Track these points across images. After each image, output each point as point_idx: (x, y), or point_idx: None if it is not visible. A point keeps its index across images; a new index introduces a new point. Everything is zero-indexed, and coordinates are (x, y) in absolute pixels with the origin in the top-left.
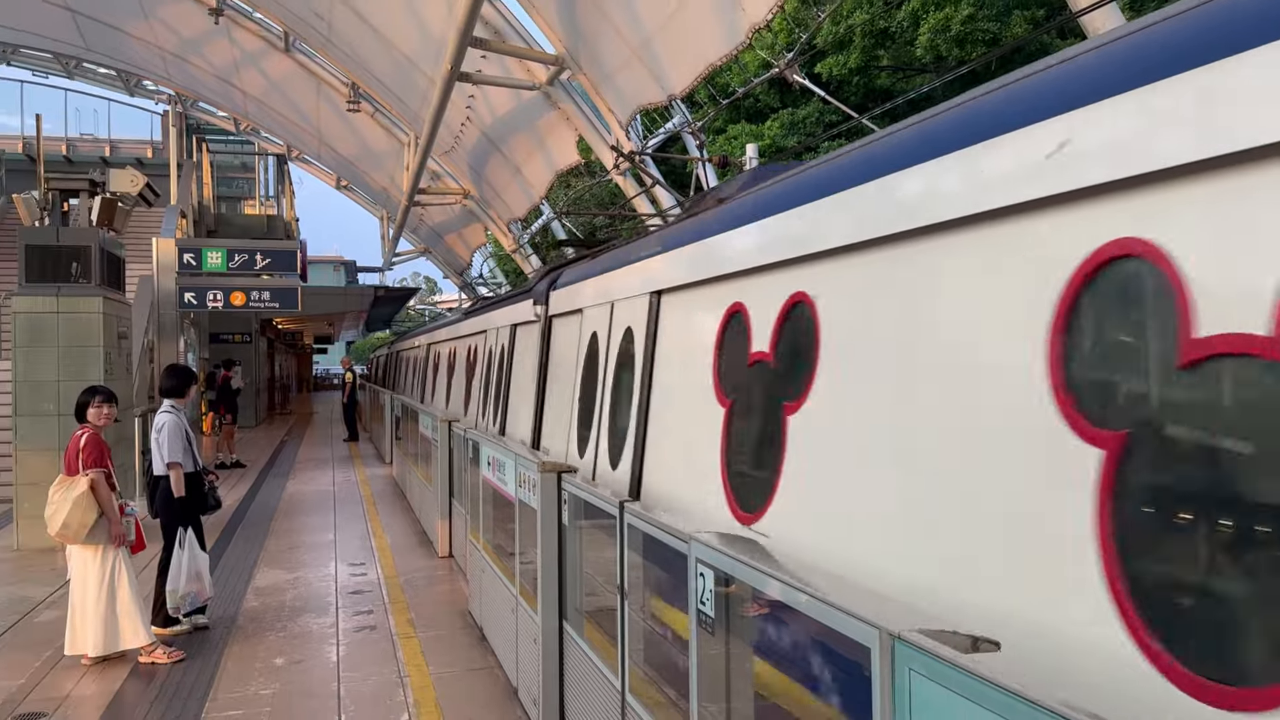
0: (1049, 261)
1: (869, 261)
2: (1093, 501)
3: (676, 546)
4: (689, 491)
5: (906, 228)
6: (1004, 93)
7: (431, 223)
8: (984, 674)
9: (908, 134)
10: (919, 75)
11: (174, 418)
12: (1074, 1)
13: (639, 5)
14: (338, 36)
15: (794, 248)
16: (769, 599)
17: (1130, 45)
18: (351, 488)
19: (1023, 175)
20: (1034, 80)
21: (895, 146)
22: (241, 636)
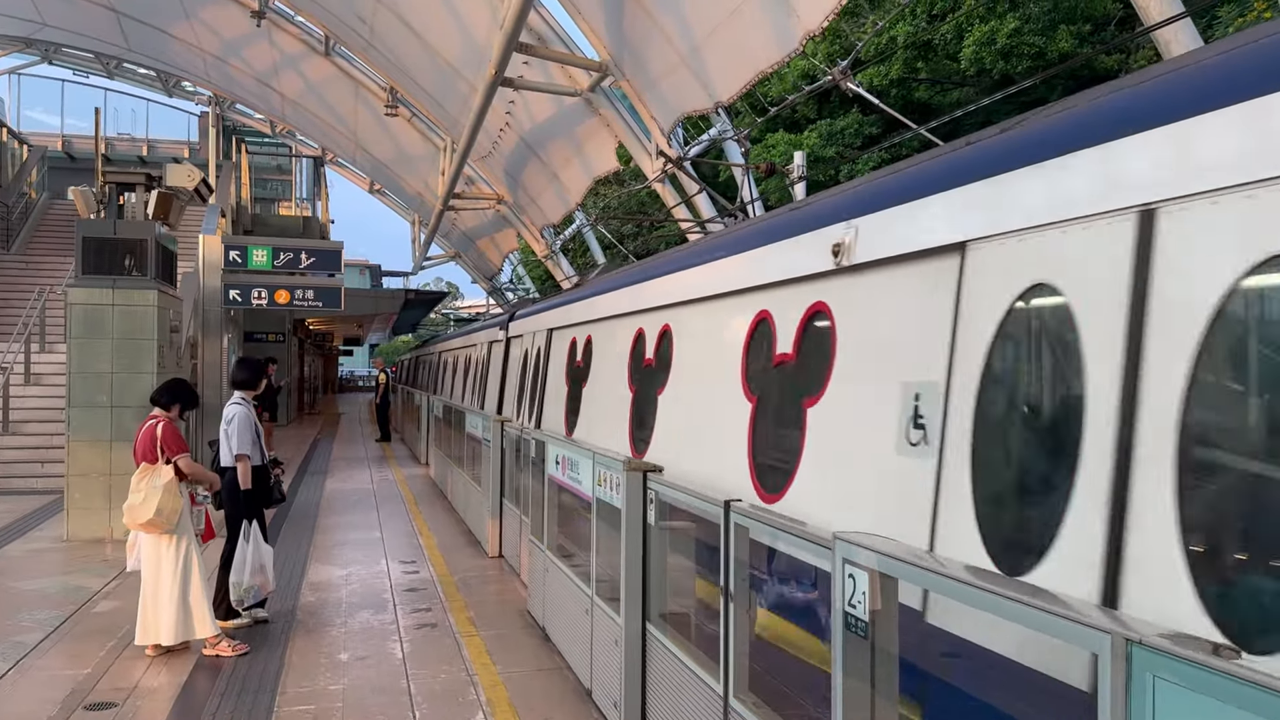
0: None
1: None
2: None
3: (809, 547)
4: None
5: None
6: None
7: (464, 227)
8: (1260, 680)
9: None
10: (956, 88)
11: (244, 409)
12: (1146, 16)
13: (689, 11)
14: (379, 41)
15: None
16: (931, 601)
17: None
18: (390, 486)
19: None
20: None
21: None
22: (303, 631)
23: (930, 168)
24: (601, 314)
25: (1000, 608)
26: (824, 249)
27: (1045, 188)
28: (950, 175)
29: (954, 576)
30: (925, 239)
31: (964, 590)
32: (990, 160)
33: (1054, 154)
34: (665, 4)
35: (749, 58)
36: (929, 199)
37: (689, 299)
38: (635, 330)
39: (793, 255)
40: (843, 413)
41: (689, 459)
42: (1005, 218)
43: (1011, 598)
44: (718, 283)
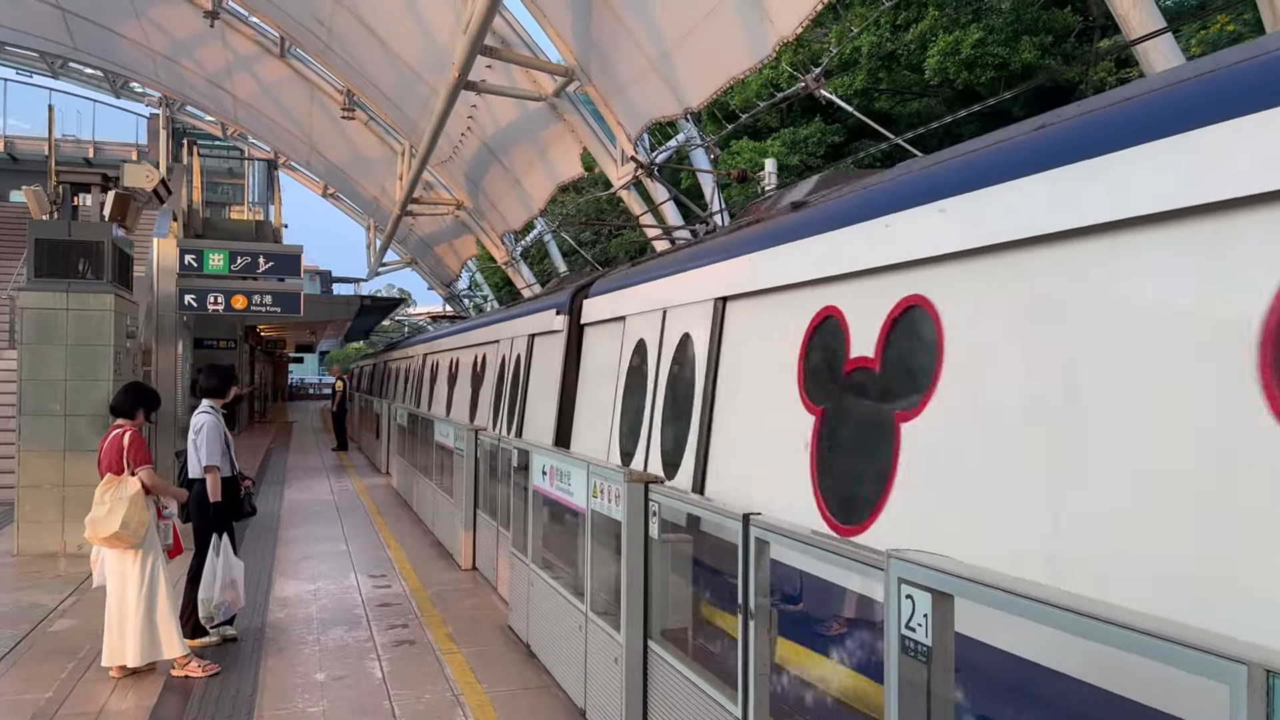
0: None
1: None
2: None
3: (853, 565)
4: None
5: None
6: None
7: (421, 233)
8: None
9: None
10: (917, 99)
11: (213, 419)
12: (1128, 30)
13: (660, 16)
14: (337, 43)
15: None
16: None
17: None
18: (351, 497)
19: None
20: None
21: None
22: (274, 649)
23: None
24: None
25: (1102, 633)
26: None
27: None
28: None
29: (1043, 600)
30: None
31: (1050, 613)
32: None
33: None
34: (635, 8)
35: (721, 63)
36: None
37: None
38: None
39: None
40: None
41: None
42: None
43: (1120, 624)
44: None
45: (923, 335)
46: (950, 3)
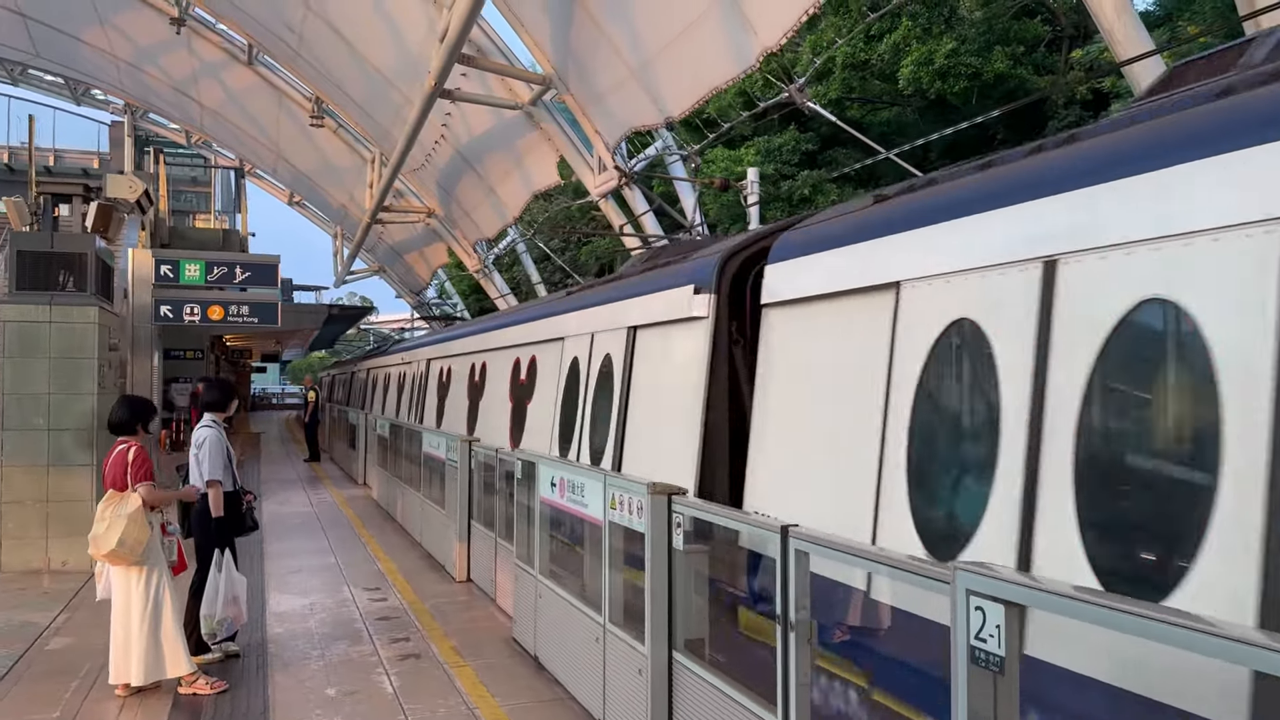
0: None
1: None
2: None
3: (914, 579)
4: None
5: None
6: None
7: (391, 241)
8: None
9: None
10: (888, 108)
11: (215, 433)
12: (1113, 43)
13: (642, 25)
14: (308, 50)
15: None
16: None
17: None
18: (332, 509)
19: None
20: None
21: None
22: (279, 665)
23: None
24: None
25: (1181, 639)
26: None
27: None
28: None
29: (1116, 607)
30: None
31: (1123, 619)
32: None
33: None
34: (617, 17)
35: (704, 73)
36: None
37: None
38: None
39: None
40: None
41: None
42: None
43: (1205, 630)
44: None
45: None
46: (923, 13)
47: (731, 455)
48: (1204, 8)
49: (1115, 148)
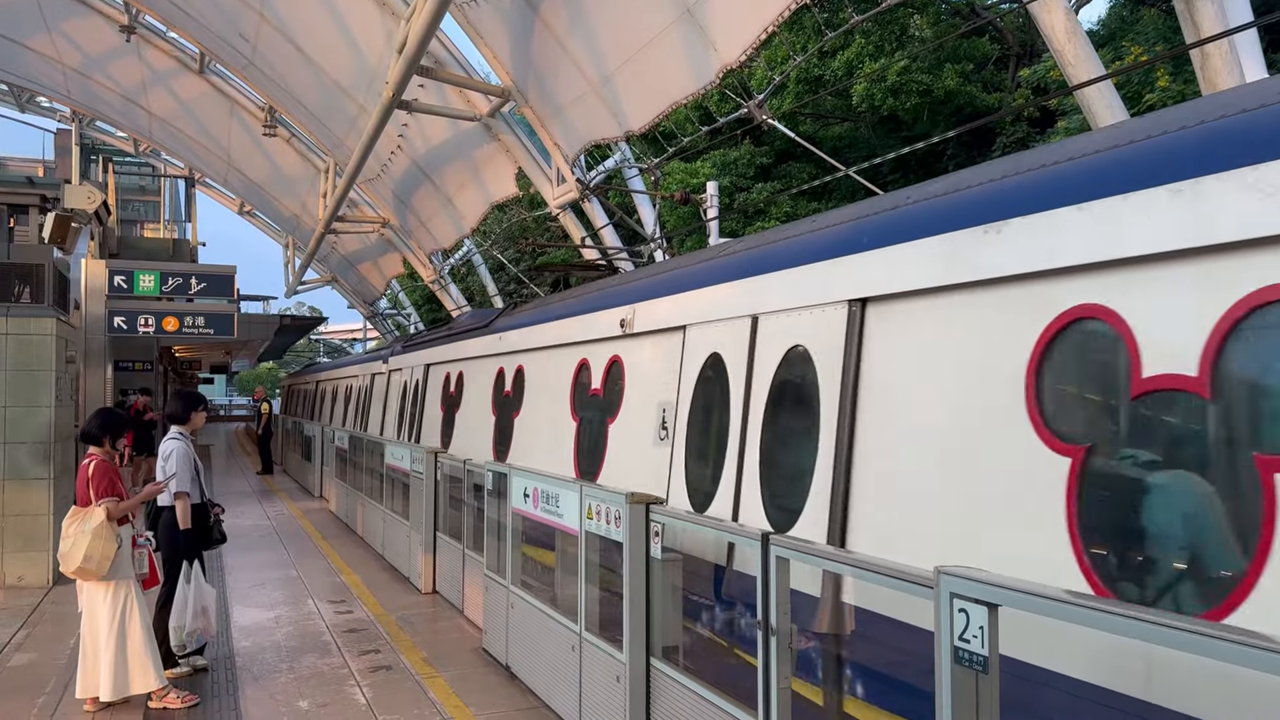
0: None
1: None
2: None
3: (893, 583)
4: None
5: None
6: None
7: (344, 251)
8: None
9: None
10: (839, 123)
11: (183, 445)
12: (1063, 63)
13: (603, 40)
14: (261, 60)
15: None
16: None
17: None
18: (290, 521)
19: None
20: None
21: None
22: (249, 678)
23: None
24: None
25: (1179, 641)
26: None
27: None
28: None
29: (1099, 608)
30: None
31: (1116, 621)
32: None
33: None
34: (578, 32)
35: (664, 88)
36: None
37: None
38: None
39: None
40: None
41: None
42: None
43: (1198, 632)
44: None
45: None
46: (875, 31)
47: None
48: (1146, 29)
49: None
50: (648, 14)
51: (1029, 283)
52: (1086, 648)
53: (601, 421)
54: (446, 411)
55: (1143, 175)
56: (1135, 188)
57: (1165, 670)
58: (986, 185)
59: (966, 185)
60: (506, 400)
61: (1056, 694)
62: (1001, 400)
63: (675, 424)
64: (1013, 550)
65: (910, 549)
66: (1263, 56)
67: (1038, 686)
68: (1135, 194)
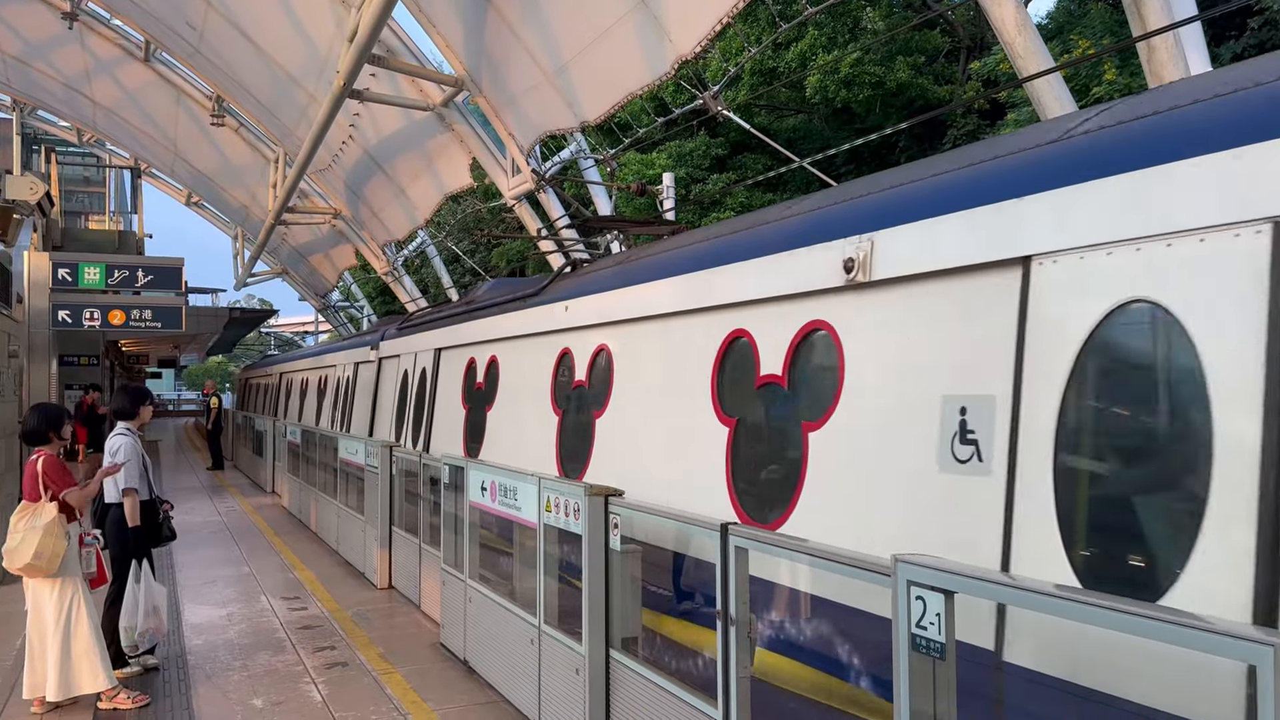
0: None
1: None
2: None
3: (854, 571)
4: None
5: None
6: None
7: (295, 243)
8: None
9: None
10: (793, 114)
11: (130, 440)
12: (1013, 56)
13: (557, 29)
14: (208, 48)
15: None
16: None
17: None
18: (241, 517)
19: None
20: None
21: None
22: (202, 676)
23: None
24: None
25: (1126, 623)
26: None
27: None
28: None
29: (1046, 592)
30: None
31: (1065, 606)
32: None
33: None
34: (532, 22)
35: (619, 79)
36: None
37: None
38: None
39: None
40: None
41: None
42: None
43: (1146, 615)
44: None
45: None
46: (828, 23)
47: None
48: (1094, 22)
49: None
50: (602, 4)
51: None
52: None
53: (786, 431)
54: (472, 410)
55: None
56: None
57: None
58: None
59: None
60: (580, 396)
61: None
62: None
63: (1011, 436)
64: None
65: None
66: (1206, 50)
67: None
68: None
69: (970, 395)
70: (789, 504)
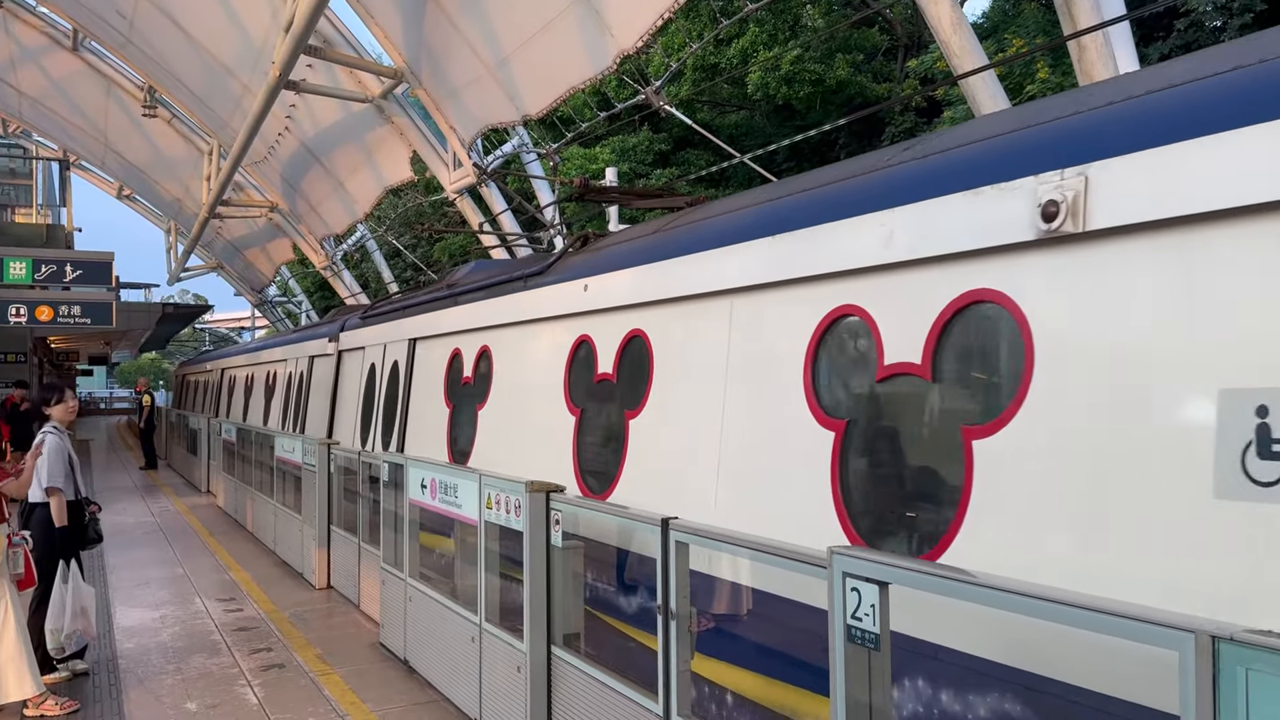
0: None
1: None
2: None
3: (788, 564)
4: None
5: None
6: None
7: (230, 236)
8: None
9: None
10: (735, 110)
11: (56, 438)
12: (949, 54)
13: (498, 23)
14: (139, 37)
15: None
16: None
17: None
18: (175, 518)
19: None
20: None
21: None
22: (133, 681)
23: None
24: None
25: (1054, 613)
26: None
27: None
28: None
29: (983, 584)
30: None
31: (998, 597)
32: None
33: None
34: (472, 14)
35: (561, 73)
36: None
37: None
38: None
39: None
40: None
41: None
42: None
43: (1077, 605)
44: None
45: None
46: (769, 20)
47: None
48: (1027, 22)
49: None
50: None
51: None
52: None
53: (933, 438)
54: (459, 409)
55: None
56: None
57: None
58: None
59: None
60: (605, 393)
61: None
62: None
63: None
64: None
65: None
66: (1134, 49)
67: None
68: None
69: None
70: (944, 536)
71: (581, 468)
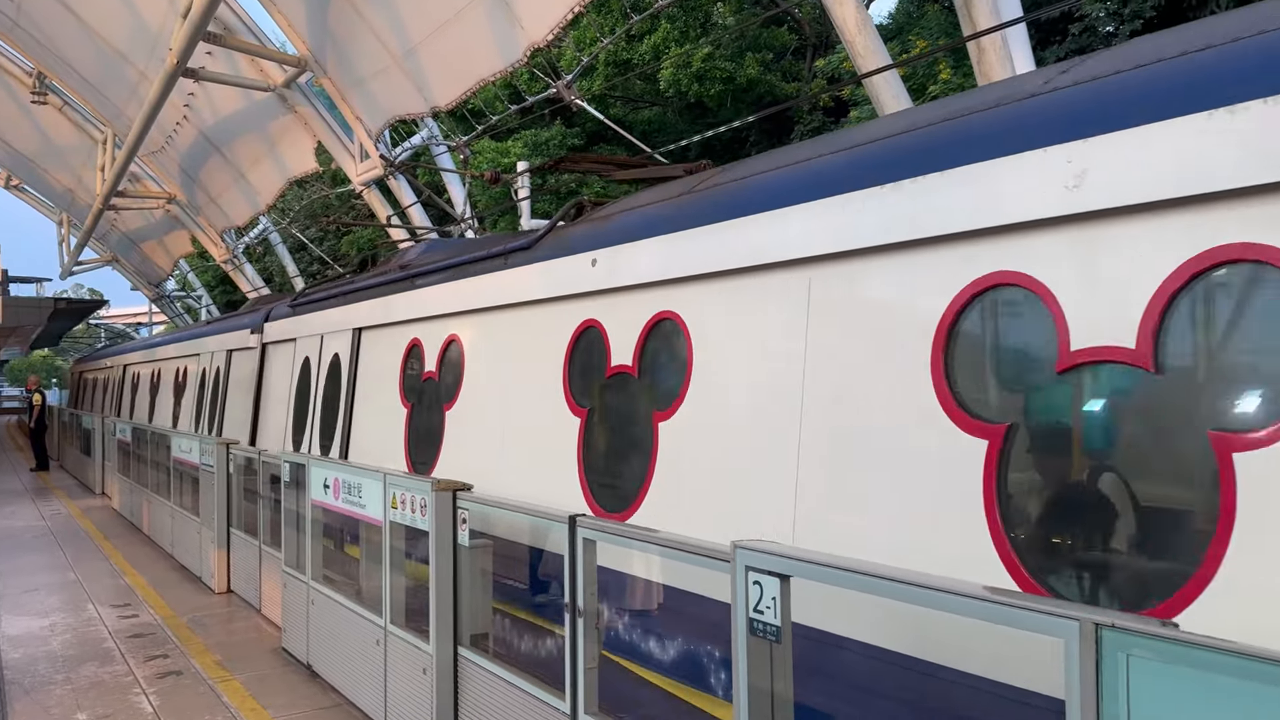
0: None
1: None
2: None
3: (696, 558)
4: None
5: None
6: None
7: (126, 229)
8: (1233, 647)
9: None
10: (648, 107)
11: None
12: (854, 53)
13: (404, 12)
14: (28, 21)
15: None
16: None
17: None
18: (67, 521)
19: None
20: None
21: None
22: (19, 692)
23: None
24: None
25: (947, 602)
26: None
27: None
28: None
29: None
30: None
31: (895, 588)
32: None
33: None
34: (378, 2)
35: (470, 65)
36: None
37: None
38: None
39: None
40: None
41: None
42: None
43: (965, 594)
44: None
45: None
46: (680, 17)
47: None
48: (931, 24)
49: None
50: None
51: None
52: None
53: (1156, 445)
54: (420, 410)
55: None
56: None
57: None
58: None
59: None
60: (622, 389)
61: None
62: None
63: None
64: None
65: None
66: (1031, 51)
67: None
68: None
69: None
70: (1192, 589)
71: (589, 481)
